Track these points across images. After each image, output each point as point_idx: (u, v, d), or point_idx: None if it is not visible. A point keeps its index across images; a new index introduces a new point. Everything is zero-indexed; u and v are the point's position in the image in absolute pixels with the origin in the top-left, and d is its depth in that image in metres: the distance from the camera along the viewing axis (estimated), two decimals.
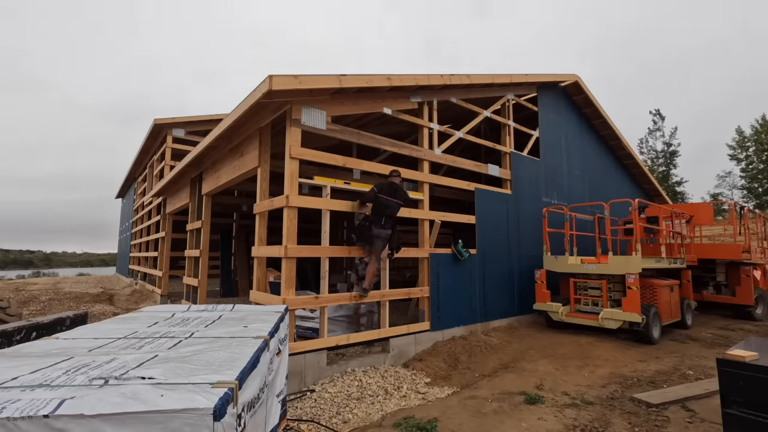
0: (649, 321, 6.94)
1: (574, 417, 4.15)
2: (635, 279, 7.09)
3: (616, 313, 7.20)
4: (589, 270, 7.85)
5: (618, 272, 7.42)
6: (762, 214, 12.43)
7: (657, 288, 7.67)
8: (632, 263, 7.30)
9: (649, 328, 6.99)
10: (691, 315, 8.88)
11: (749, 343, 3.42)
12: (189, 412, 1.38)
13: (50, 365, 1.86)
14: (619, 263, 7.47)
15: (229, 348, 2.20)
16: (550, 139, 10.12)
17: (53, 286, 15.94)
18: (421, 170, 6.90)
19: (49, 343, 2.38)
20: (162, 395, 1.47)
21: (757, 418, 2.82)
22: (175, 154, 13.28)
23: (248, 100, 5.25)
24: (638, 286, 7.08)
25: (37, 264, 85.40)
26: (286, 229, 5.15)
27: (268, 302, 5.39)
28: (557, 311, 7.97)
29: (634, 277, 7.10)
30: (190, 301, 9.55)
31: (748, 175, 36.41)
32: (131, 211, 20.80)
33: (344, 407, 4.43)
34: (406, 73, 6.36)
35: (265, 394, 2.28)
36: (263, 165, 6.03)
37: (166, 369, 1.77)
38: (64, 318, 5.97)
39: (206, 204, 8.70)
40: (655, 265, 7.84)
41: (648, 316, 6.94)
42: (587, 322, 7.61)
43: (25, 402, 1.40)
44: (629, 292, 7.15)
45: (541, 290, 8.34)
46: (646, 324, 6.91)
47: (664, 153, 39.46)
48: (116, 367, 1.81)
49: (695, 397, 4.61)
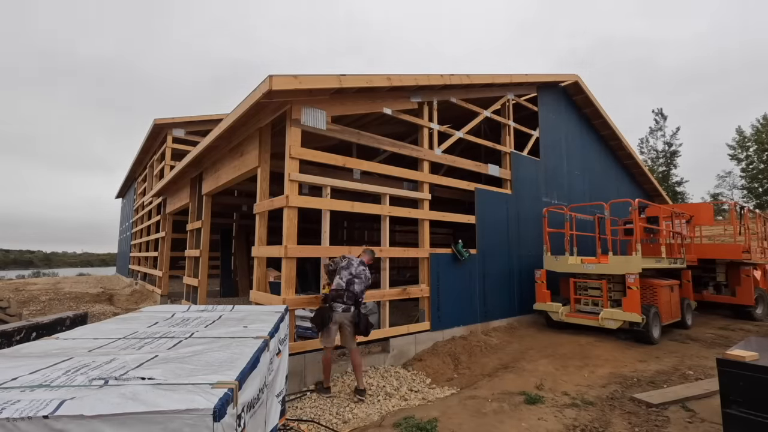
0: (649, 321, 6.93)
1: (574, 417, 4.14)
2: (635, 279, 7.07)
3: (616, 313, 7.19)
4: (589, 270, 7.83)
5: (618, 272, 7.40)
6: (762, 214, 12.42)
7: (657, 288, 7.65)
8: (632, 263, 7.29)
9: (650, 328, 6.98)
10: (691, 315, 8.85)
11: (749, 343, 3.42)
12: (189, 412, 1.38)
13: (50, 366, 1.86)
14: (619, 263, 7.45)
15: (228, 348, 2.20)
16: (550, 139, 10.12)
17: (53, 286, 15.94)
18: (421, 170, 6.90)
19: (49, 344, 2.38)
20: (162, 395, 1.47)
21: (757, 418, 2.82)
22: (175, 154, 13.28)
23: (248, 100, 5.25)
24: (638, 286, 7.07)
25: (37, 264, 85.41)
26: (286, 229, 5.15)
27: (268, 302, 5.39)
28: (557, 311, 7.96)
29: (634, 277, 7.08)
30: (190, 301, 9.55)
31: (748, 175, 36.43)
32: (131, 211, 20.80)
33: (344, 407, 4.43)
34: (406, 73, 6.36)
35: (264, 395, 2.28)
36: (263, 165, 6.03)
37: (165, 369, 1.77)
38: (64, 318, 5.96)
39: (206, 204, 8.70)
40: (655, 265, 7.82)
41: (648, 316, 6.93)
42: (587, 322, 7.59)
43: (24, 403, 1.40)
44: (629, 292, 7.13)
45: (541, 290, 8.32)
46: (646, 324, 6.90)
47: (664, 153, 39.48)
48: (116, 368, 1.81)
49: (695, 397, 4.61)
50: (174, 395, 1.48)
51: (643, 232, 8.70)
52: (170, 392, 1.51)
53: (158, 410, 1.38)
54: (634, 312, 6.97)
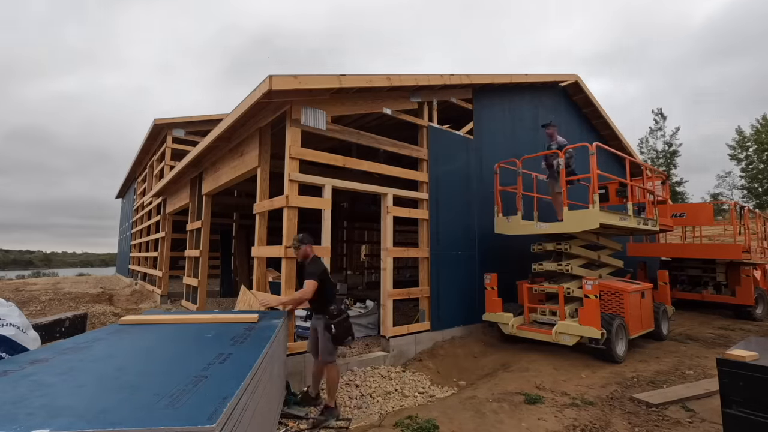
0: (611, 336, 5.83)
1: (574, 417, 4.15)
2: (594, 285, 5.93)
3: (572, 326, 5.99)
4: (542, 230, 6.70)
5: (574, 230, 6.32)
6: (762, 214, 12.44)
7: (624, 295, 6.47)
8: (589, 217, 6.07)
9: (612, 345, 5.84)
10: (668, 323, 7.69)
11: (749, 343, 3.42)
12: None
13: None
14: (575, 219, 6.22)
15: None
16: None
17: (53, 287, 15.93)
18: (421, 170, 6.90)
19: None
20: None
21: (757, 418, 2.82)
22: (175, 154, 13.27)
23: (248, 100, 5.25)
24: (597, 293, 5.93)
25: (37, 264, 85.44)
26: (286, 229, 5.15)
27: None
28: (507, 323, 6.71)
29: (593, 283, 5.95)
30: (190, 301, 9.55)
31: (748, 175, 36.44)
32: (131, 211, 20.80)
33: (344, 407, 4.43)
34: (405, 73, 6.36)
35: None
36: (263, 165, 6.03)
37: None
38: (63, 319, 5.96)
39: (206, 204, 8.70)
40: (619, 222, 6.54)
41: (610, 329, 5.85)
42: (541, 336, 6.33)
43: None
44: (586, 301, 5.96)
45: (491, 298, 7.05)
46: (607, 340, 5.81)
47: (664, 153, 39.49)
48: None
49: (695, 397, 4.61)
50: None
51: (597, 185, 7.06)
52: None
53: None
54: (591, 326, 5.80)
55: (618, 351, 5.98)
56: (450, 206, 7.29)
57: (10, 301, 3.53)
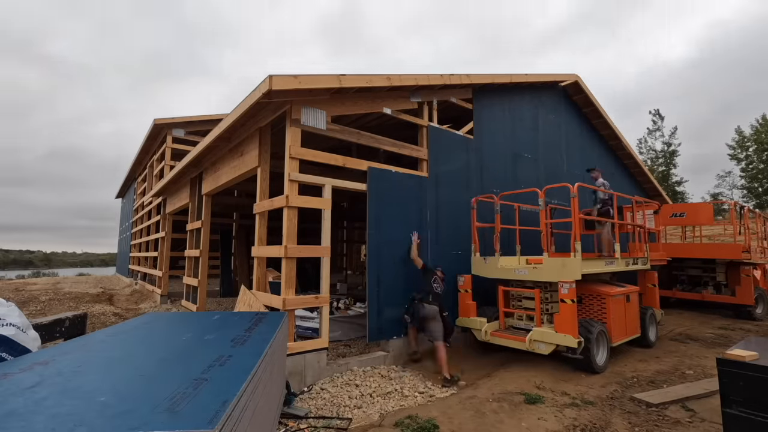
0: (590, 344, 5.37)
1: (574, 417, 4.15)
2: (570, 289, 5.38)
3: (546, 333, 5.49)
4: (521, 276, 6.10)
5: (553, 279, 5.70)
6: (762, 214, 12.44)
7: (607, 299, 5.98)
8: (569, 267, 5.51)
9: (590, 354, 5.38)
10: (656, 329, 7.23)
11: (749, 343, 3.42)
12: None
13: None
14: (554, 267, 5.70)
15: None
16: (549, 139, 10.11)
17: (53, 287, 15.93)
18: (421, 170, 6.90)
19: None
20: None
21: (757, 418, 2.82)
22: (175, 154, 13.28)
23: (248, 100, 5.25)
24: (574, 298, 5.38)
25: (37, 264, 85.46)
26: (286, 229, 5.15)
27: (268, 302, 5.40)
28: (480, 329, 6.22)
29: (569, 286, 5.39)
30: (190, 301, 9.55)
31: (748, 175, 36.45)
32: (131, 211, 20.80)
33: (344, 407, 4.43)
34: (405, 73, 6.36)
35: None
36: (263, 165, 6.03)
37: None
38: (63, 318, 5.95)
39: (206, 204, 8.71)
40: (605, 268, 6.20)
41: (589, 337, 5.40)
42: (515, 344, 5.84)
43: None
44: (563, 306, 5.42)
45: (465, 301, 6.55)
46: (585, 348, 5.35)
47: (663, 153, 39.50)
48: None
49: (695, 396, 4.61)
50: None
51: (583, 226, 7.04)
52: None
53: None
54: (568, 333, 5.29)
55: (598, 360, 5.53)
56: (450, 206, 7.29)
57: (10, 300, 3.53)
